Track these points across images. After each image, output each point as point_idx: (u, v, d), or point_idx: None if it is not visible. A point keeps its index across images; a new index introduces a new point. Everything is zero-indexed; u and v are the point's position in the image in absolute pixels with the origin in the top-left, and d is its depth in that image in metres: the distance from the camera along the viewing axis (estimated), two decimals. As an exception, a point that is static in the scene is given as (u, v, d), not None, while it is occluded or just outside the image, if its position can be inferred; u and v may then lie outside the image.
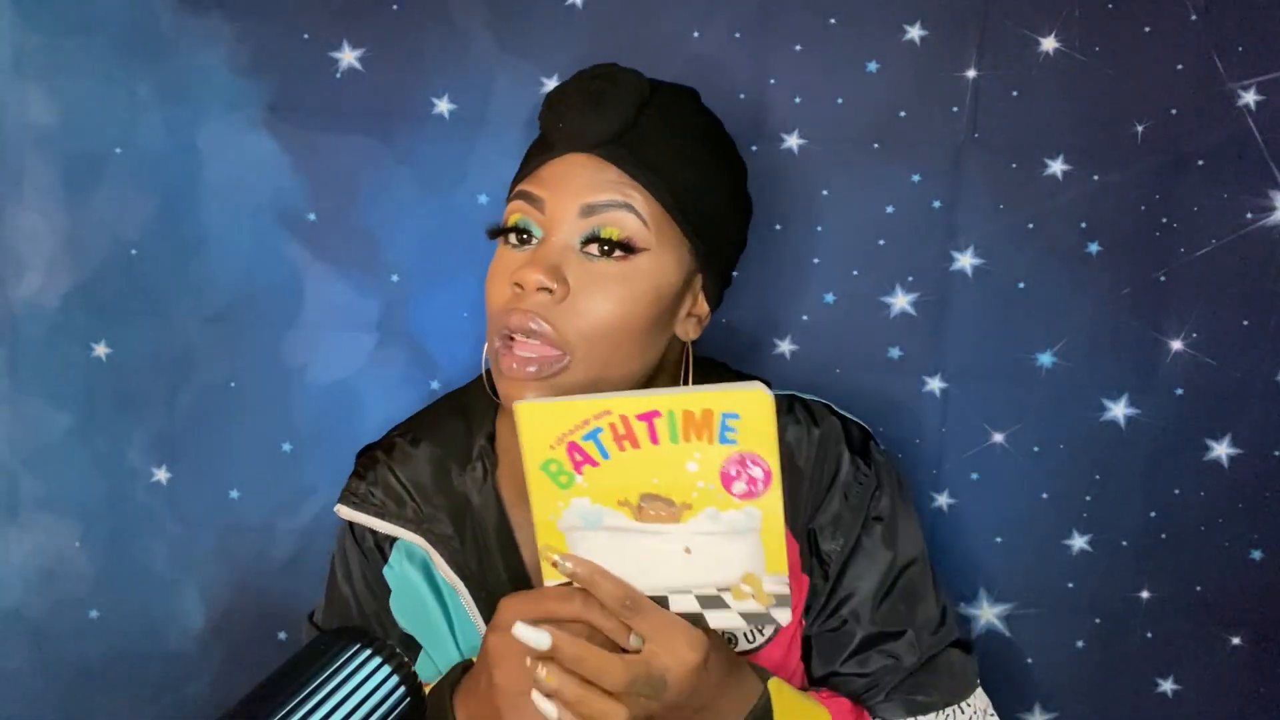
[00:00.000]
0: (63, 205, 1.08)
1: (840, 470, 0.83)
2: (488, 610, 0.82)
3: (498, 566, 0.84)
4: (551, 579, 0.68)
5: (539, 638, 0.64)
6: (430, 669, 0.84)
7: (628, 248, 0.74)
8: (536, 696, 0.64)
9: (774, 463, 0.63)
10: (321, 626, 0.89)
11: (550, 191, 0.75)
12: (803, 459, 0.83)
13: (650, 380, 0.80)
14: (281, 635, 1.14)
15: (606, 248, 0.74)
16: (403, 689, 0.79)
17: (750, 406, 0.62)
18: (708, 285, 0.80)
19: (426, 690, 0.82)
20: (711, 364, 0.88)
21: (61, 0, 1.06)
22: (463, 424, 0.87)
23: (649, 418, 0.62)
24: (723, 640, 0.70)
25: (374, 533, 0.86)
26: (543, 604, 0.66)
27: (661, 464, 0.63)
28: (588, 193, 0.74)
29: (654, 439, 0.63)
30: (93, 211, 1.08)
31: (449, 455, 0.86)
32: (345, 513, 0.86)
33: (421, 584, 0.85)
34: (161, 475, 1.12)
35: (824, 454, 0.83)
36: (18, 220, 1.09)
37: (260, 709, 0.72)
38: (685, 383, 0.84)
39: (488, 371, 0.81)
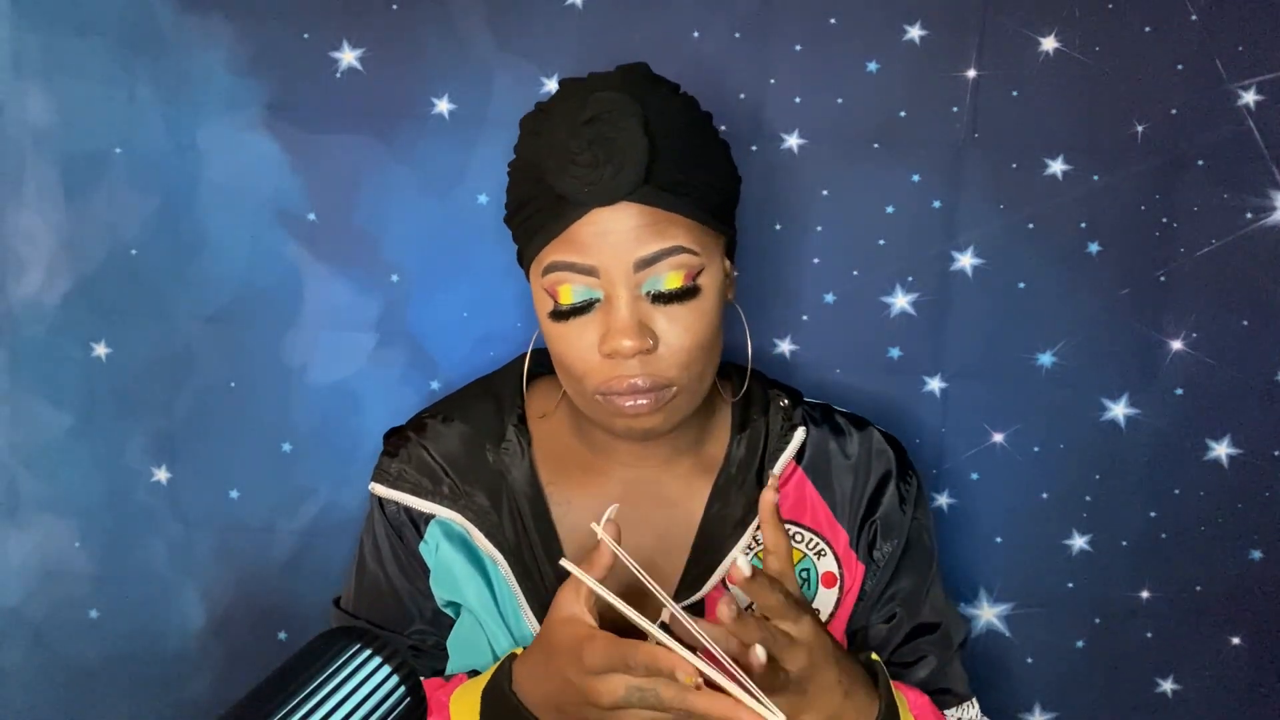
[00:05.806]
0: (63, 205, 1.08)
1: (892, 471, 0.89)
2: (526, 582, 0.85)
3: (534, 541, 0.86)
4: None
5: None
6: (474, 633, 0.86)
7: (690, 289, 0.76)
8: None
9: None
10: (350, 610, 0.90)
11: (597, 256, 0.74)
12: (850, 451, 0.89)
13: None
14: (281, 635, 1.13)
15: (672, 295, 0.76)
16: (403, 689, 0.79)
17: None
18: (730, 246, 0.83)
19: (430, 690, 0.82)
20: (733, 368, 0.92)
21: (61, 0, 1.06)
22: (493, 406, 0.90)
23: None
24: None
25: (408, 510, 0.87)
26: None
27: None
28: (636, 247, 0.74)
29: None
30: (93, 211, 1.08)
31: (481, 433, 0.88)
32: (381, 491, 0.87)
33: (462, 560, 0.86)
34: (161, 475, 1.12)
35: (868, 450, 0.90)
36: (18, 220, 1.08)
37: (260, 709, 0.72)
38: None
39: (525, 371, 0.90)
